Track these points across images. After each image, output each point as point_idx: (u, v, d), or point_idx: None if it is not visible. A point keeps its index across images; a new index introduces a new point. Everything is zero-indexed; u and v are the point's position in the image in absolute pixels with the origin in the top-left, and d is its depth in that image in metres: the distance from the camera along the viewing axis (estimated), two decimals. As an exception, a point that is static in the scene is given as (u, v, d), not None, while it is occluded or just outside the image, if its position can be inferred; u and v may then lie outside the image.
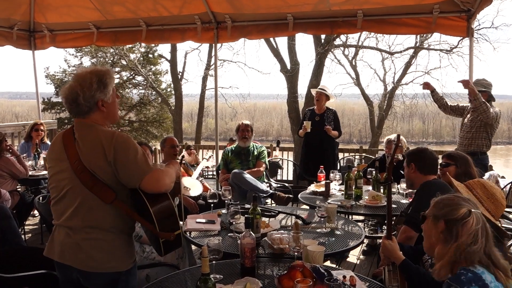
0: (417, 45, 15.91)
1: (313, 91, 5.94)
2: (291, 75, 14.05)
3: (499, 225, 2.26)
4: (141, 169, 1.99)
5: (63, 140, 2.09)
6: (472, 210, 1.75)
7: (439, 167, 3.16)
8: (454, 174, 3.02)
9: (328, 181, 4.21)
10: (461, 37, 12.30)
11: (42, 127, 5.84)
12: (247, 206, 3.27)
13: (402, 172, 3.53)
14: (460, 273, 1.65)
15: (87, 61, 21.05)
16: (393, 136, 4.80)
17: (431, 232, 1.84)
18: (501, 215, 2.60)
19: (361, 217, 4.70)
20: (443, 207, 1.81)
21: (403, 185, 3.86)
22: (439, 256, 1.76)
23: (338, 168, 6.14)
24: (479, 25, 13.96)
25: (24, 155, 5.31)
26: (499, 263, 1.71)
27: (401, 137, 4.76)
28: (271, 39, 13.66)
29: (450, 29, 5.14)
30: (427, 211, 1.91)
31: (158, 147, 8.49)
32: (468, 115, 4.87)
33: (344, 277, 2.00)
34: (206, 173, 7.89)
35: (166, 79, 21.80)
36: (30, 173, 5.04)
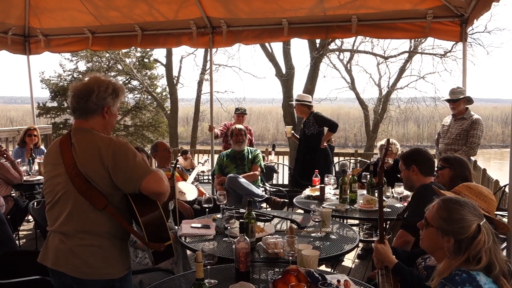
0: (411, 49, 15.99)
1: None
2: (286, 80, 14.10)
3: (498, 218, 2.28)
4: (142, 170, 1.99)
5: (60, 145, 2.09)
6: (480, 224, 1.73)
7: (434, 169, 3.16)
8: (449, 177, 3.03)
9: (323, 185, 4.22)
10: (455, 42, 12.44)
11: (35, 132, 5.82)
12: (242, 210, 3.27)
13: (398, 175, 3.52)
14: (455, 273, 1.66)
15: (82, 66, 21.04)
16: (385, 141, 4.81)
17: (435, 241, 1.82)
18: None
19: (356, 221, 4.71)
20: (451, 222, 1.76)
21: (398, 189, 3.87)
22: (443, 270, 1.73)
23: (333, 172, 6.15)
24: (472, 29, 14.03)
25: (19, 160, 5.28)
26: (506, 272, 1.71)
27: (395, 141, 4.79)
28: (266, 43, 13.70)
29: (443, 33, 5.20)
30: (427, 213, 1.88)
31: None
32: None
33: (339, 281, 2.00)
34: (202, 178, 7.87)
35: (162, 84, 21.82)
36: (24, 178, 5.02)
